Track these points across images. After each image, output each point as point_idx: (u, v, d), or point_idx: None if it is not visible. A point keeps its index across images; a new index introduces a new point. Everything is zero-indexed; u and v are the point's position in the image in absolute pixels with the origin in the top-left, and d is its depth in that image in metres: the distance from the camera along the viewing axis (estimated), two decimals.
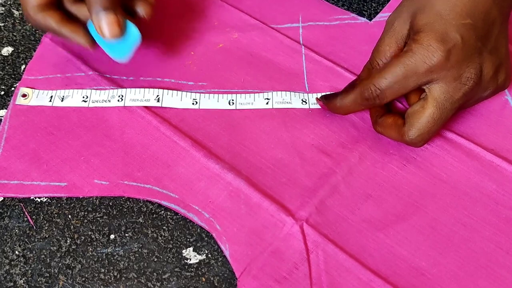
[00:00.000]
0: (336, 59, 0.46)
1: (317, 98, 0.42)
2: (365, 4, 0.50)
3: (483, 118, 0.42)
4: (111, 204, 0.38)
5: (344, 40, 0.47)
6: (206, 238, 0.36)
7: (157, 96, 0.43)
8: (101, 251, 0.36)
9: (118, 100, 0.42)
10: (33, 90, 0.43)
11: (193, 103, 0.43)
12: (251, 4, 0.50)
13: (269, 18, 0.49)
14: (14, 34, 0.48)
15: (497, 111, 0.43)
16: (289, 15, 0.49)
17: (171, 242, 0.36)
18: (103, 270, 0.35)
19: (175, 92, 0.43)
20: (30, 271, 0.35)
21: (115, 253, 0.36)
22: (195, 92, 0.43)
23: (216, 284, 0.35)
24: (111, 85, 0.44)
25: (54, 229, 0.37)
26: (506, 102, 0.43)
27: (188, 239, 0.36)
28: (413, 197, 0.38)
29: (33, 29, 0.48)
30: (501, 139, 0.41)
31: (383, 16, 0.49)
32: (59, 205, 0.38)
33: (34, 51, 0.46)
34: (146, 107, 0.42)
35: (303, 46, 0.47)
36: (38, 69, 0.45)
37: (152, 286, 0.34)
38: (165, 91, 0.43)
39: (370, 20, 0.49)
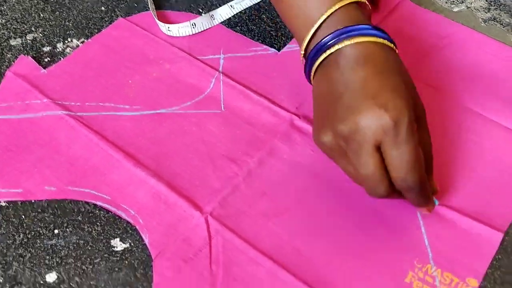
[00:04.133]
0: (248, 83, 0.55)
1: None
2: (276, 38, 0.60)
3: None
4: (56, 206, 0.47)
5: (256, 68, 0.57)
6: (130, 231, 0.46)
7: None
8: (47, 242, 0.45)
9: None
10: None
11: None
12: (182, 40, 0.60)
13: (196, 51, 0.59)
14: None
15: None
16: (213, 48, 0.59)
17: (102, 234, 0.45)
18: (47, 257, 0.44)
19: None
20: None
21: (57, 244, 0.45)
22: (131, 114, 0.53)
23: (136, 266, 0.44)
24: (62, 109, 0.53)
25: (10, 227, 0.46)
26: None
27: (116, 232, 0.46)
28: (298, 194, 0.48)
29: None
30: None
31: (290, 47, 0.59)
32: (15, 207, 0.47)
33: None
34: (88, 126, 0.52)
35: (221, 74, 0.57)
36: (3, 98, 0.55)
37: (85, 268, 0.44)
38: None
39: (279, 51, 0.59)
